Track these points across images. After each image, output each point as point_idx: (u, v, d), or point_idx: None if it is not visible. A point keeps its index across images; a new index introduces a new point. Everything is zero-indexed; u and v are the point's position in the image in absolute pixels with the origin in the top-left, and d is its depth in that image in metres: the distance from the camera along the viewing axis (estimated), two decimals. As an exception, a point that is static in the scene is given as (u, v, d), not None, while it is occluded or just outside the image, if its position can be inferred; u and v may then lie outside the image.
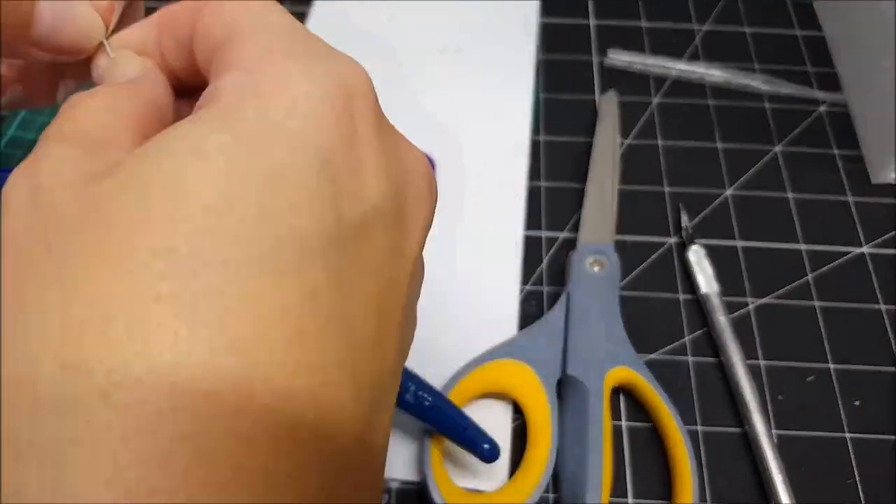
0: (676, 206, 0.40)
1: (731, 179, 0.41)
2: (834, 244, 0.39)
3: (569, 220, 0.39)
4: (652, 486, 0.31)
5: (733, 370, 0.33)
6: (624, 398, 0.34)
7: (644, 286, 0.37)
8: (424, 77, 0.45)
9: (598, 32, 0.48)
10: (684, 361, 0.35)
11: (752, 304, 0.36)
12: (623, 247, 0.38)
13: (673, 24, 0.49)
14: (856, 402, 0.33)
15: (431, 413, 0.30)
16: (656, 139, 0.43)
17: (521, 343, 0.33)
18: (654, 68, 0.46)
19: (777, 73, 0.45)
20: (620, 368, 0.32)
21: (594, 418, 0.30)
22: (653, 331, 0.35)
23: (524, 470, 0.30)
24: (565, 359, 0.32)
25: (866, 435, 0.33)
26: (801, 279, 0.37)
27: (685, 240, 0.38)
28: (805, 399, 0.34)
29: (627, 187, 0.41)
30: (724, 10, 0.49)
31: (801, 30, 0.48)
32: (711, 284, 0.36)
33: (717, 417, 0.33)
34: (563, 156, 0.42)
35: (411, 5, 0.49)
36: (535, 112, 0.44)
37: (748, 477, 0.32)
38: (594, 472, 0.29)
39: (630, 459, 0.32)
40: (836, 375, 0.34)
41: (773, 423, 0.33)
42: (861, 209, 0.40)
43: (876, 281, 0.37)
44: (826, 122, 0.43)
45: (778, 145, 0.42)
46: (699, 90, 0.45)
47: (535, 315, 0.36)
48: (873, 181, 0.41)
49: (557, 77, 0.46)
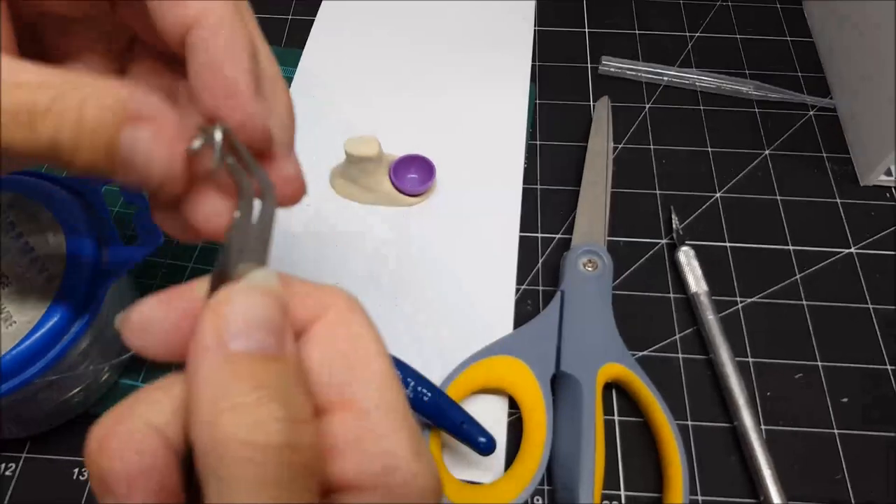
0: (668, 208, 0.41)
1: (722, 182, 0.42)
2: (822, 245, 0.39)
3: (563, 222, 0.40)
4: (643, 478, 0.32)
5: (723, 367, 0.34)
6: (616, 394, 0.35)
7: (636, 286, 0.38)
8: (425, 81, 0.46)
9: (592, 40, 0.49)
10: (675, 358, 0.36)
11: (742, 303, 0.37)
12: (616, 247, 0.39)
13: (665, 31, 0.50)
14: (843, 399, 0.34)
15: (430, 408, 0.31)
16: (648, 143, 0.44)
17: (517, 340, 0.34)
18: (646, 74, 0.47)
19: (767, 79, 0.46)
20: (613, 365, 0.33)
21: (587, 413, 0.31)
22: (644, 329, 0.36)
23: (520, 462, 0.31)
24: (559, 355, 0.33)
25: (854, 431, 0.33)
26: (790, 279, 0.38)
27: (676, 241, 0.39)
28: (793, 396, 0.34)
29: (620, 190, 0.41)
30: (715, 18, 0.50)
31: (790, 36, 0.49)
32: (700, 284, 0.36)
33: (706, 413, 0.34)
34: (558, 159, 0.43)
35: (414, 12, 0.50)
36: (530, 117, 0.45)
37: (737, 471, 0.32)
38: (587, 465, 0.30)
39: (622, 453, 0.33)
40: (825, 373, 0.35)
41: (762, 419, 0.34)
42: (849, 211, 0.41)
43: (864, 281, 0.38)
44: (815, 127, 0.44)
45: (767, 149, 0.43)
46: (691, 96, 0.46)
47: (531, 314, 0.37)
48: (862, 183, 0.42)
49: (553, 83, 0.47)
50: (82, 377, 0.31)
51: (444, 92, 0.45)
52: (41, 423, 0.32)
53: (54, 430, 0.33)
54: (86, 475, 0.32)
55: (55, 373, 0.29)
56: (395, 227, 0.40)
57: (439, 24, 0.49)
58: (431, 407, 0.31)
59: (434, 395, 0.31)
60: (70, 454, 0.33)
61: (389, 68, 0.47)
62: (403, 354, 0.32)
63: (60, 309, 0.28)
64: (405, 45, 0.48)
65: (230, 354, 0.14)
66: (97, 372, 0.32)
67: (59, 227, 0.30)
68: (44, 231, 0.29)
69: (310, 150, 0.42)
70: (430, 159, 0.40)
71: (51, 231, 0.29)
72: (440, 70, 0.46)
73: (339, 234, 0.39)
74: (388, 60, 0.47)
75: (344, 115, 0.44)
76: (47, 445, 0.33)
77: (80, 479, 0.32)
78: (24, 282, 0.28)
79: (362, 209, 0.40)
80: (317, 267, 0.38)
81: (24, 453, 0.33)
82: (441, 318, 0.36)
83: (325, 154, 0.42)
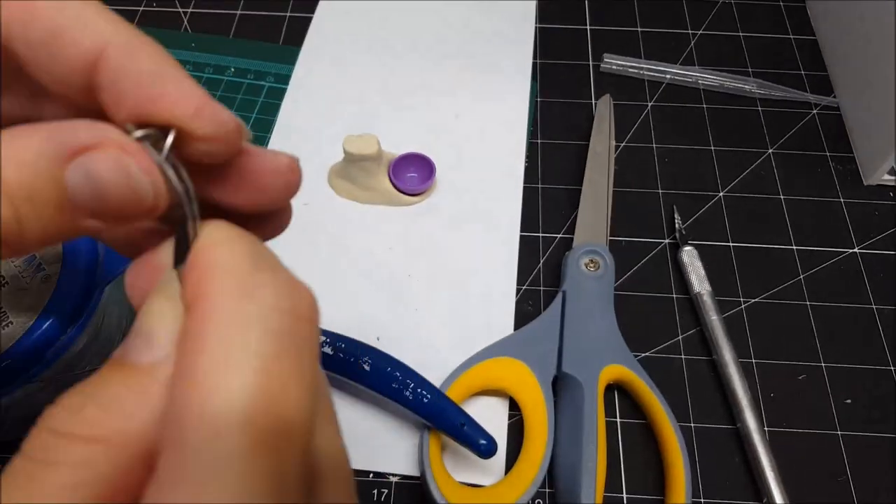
0: (670, 207, 0.40)
1: (725, 181, 0.42)
2: (825, 245, 0.39)
3: (565, 222, 0.40)
4: (645, 481, 0.32)
5: (726, 368, 0.34)
6: (618, 395, 0.34)
7: (638, 286, 0.38)
8: (424, 80, 0.46)
9: (594, 37, 0.49)
10: (677, 359, 0.35)
11: (745, 304, 0.37)
12: (618, 247, 0.39)
13: (667, 28, 0.49)
14: (847, 401, 0.34)
15: (430, 409, 0.30)
16: (651, 142, 0.43)
17: (518, 341, 0.34)
18: (648, 72, 0.46)
19: (770, 77, 0.46)
20: (615, 366, 0.33)
21: (589, 415, 0.31)
22: (646, 329, 0.36)
23: (521, 465, 0.31)
24: (561, 356, 0.33)
25: (858, 433, 0.33)
26: (794, 279, 0.38)
27: (679, 240, 0.38)
28: (797, 397, 0.34)
29: (622, 189, 0.41)
30: (718, 16, 0.50)
31: (793, 34, 0.49)
32: (703, 284, 0.36)
33: (709, 414, 0.34)
34: (560, 158, 0.43)
35: (412, 10, 0.49)
36: (531, 115, 0.44)
37: (740, 473, 0.32)
38: (589, 467, 0.29)
39: (624, 455, 0.33)
40: (828, 373, 0.35)
41: (765, 421, 0.33)
42: (853, 210, 0.40)
43: (867, 281, 0.38)
44: (818, 125, 0.44)
45: (770, 148, 0.43)
46: (693, 94, 0.46)
47: (532, 314, 0.36)
48: (865, 183, 0.41)
49: (554, 81, 0.46)
50: (80, 378, 0.31)
51: (444, 90, 0.45)
52: (38, 424, 0.32)
53: (51, 431, 0.32)
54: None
55: (52, 374, 0.28)
56: (394, 226, 0.39)
57: (439, 21, 0.49)
58: (431, 408, 0.30)
59: (434, 396, 0.31)
60: (67, 456, 0.32)
61: (388, 66, 0.46)
62: (403, 355, 0.32)
63: (57, 310, 0.27)
64: (404, 43, 0.48)
65: None
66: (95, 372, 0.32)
67: (56, 227, 0.29)
68: (40, 231, 0.29)
69: (308, 148, 0.42)
70: (430, 158, 0.40)
71: (47, 231, 0.29)
72: (440, 67, 0.46)
73: (338, 233, 0.39)
74: (387, 58, 0.47)
75: (342, 112, 0.44)
76: (44, 447, 0.33)
77: (78, 480, 0.32)
78: (21, 282, 0.28)
79: (361, 208, 0.40)
80: (314, 266, 0.38)
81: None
82: (441, 318, 0.36)
83: (324, 152, 0.41)
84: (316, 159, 0.41)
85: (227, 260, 0.14)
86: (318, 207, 0.40)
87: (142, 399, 0.14)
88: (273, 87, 0.45)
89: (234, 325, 0.13)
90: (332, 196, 0.40)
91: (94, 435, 0.13)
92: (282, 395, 0.13)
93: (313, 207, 0.40)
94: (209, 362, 0.13)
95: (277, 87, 0.45)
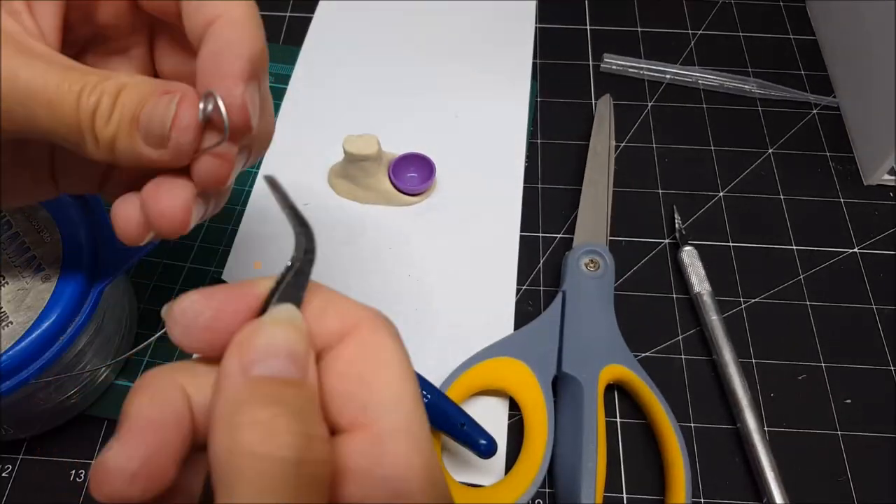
0: (670, 207, 0.40)
1: (725, 181, 0.42)
2: (825, 245, 0.39)
3: (565, 222, 0.40)
4: (645, 480, 0.32)
5: (726, 368, 0.34)
6: (618, 395, 0.34)
7: (638, 286, 0.38)
8: (424, 80, 0.46)
9: (594, 37, 0.49)
10: (677, 359, 0.35)
11: (745, 304, 0.37)
12: (618, 247, 0.39)
13: (667, 28, 0.49)
14: (847, 401, 0.34)
15: (430, 409, 0.30)
16: (651, 142, 0.43)
17: (518, 341, 0.34)
18: (648, 72, 0.46)
19: (770, 77, 0.46)
20: (615, 366, 0.33)
21: (589, 414, 0.31)
22: (646, 329, 0.36)
23: (521, 465, 0.31)
24: (561, 356, 0.33)
25: (858, 433, 0.33)
26: (794, 279, 0.38)
27: (679, 240, 0.38)
28: (797, 397, 0.34)
29: (622, 189, 0.41)
30: (718, 16, 0.50)
31: (793, 34, 0.49)
32: (703, 284, 0.36)
33: (709, 414, 0.34)
34: (560, 158, 0.43)
35: (412, 10, 0.49)
36: (531, 115, 0.44)
37: (740, 473, 0.32)
38: (589, 467, 0.29)
39: (624, 455, 0.33)
40: (828, 373, 0.35)
41: (765, 421, 0.33)
42: (853, 211, 0.40)
43: (867, 281, 0.38)
44: (818, 125, 0.44)
45: (770, 148, 0.43)
46: (693, 94, 0.46)
47: (532, 314, 0.36)
48: (865, 183, 0.41)
49: (554, 81, 0.46)
50: (79, 378, 0.31)
51: (444, 90, 0.45)
52: (38, 424, 0.32)
53: (51, 431, 0.33)
54: (83, 476, 0.32)
55: (52, 373, 0.28)
56: (394, 226, 0.39)
57: (439, 21, 0.49)
58: (431, 408, 0.30)
59: (434, 396, 0.31)
60: (67, 455, 0.32)
61: (389, 66, 0.46)
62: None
63: (57, 309, 0.27)
64: (405, 43, 0.48)
65: (251, 377, 0.15)
66: (94, 373, 0.32)
67: (56, 227, 0.29)
68: (40, 231, 0.29)
69: (308, 148, 0.42)
70: (429, 158, 0.40)
71: (47, 231, 0.29)
72: (440, 67, 0.46)
73: (338, 233, 0.39)
74: (387, 58, 0.47)
75: (342, 112, 0.44)
76: (45, 447, 0.33)
77: (78, 480, 0.32)
78: (21, 282, 0.28)
79: (361, 208, 0.40)
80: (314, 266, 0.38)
81: (21, 455, 0.32)
82: (441, 318, 0.36)
83: (324, 152, 0.41)
84: (316, 159, 0.41)
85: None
86: (318, 207, 0.40)
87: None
88: (273, 87, 0.45)
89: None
90: (332, 196, 0.40)
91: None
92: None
93: (313, 207, 0.40)
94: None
95: (277, 87, 0.45)
